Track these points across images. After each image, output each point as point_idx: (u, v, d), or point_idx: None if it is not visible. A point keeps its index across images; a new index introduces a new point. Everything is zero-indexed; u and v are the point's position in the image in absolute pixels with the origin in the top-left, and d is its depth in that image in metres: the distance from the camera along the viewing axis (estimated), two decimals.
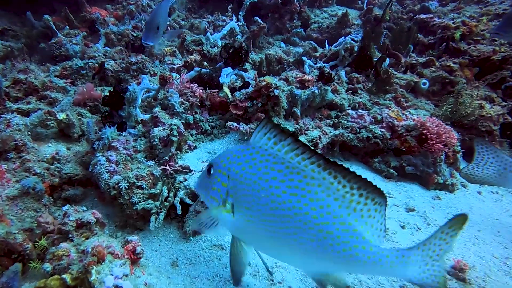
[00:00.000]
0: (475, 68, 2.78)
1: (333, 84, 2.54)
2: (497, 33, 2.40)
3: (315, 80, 2.47)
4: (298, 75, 2.54)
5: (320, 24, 4.24)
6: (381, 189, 1.02)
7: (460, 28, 3.11)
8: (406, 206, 2.05)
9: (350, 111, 2.45)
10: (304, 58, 2.78)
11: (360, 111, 2.42)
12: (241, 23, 4.13)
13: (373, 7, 4.28)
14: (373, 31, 3.29)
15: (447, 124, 2.51)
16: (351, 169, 1.02)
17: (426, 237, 1.04)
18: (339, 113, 2.48)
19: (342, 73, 2.69)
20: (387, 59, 2.79)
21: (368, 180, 1.01)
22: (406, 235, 1.84)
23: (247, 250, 1.16)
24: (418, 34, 3.43)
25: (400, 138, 2.29)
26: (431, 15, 3.66)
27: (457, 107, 2.50)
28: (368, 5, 4.56)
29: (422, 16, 3.73)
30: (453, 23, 3.27)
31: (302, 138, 2.26)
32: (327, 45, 3.51)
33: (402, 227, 1.90)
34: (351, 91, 2.60)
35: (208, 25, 4.01)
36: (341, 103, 2.48)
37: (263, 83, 2.19)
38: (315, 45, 3.61)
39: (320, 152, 1.48)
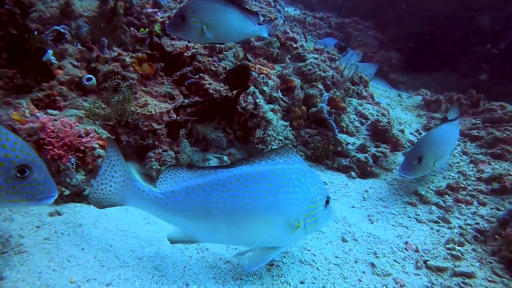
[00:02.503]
0: (159, 64, 2.62)
1: None
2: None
3: None
4: None
5: (43, 13, 3.63)
6: None
7: (159, 22, 2.95)
8: None
9: None
10: None
11: None
12: None
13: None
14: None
15: (112, 126, 2.24)
16: None
17: None
18: None
19: None
20: (48, 51, 2.37)
21: None
22: None
23: None
24: (131, 28, 3.17)
25: None
26: (156, 10, 3.48)
27: (124, 104, 2.24)
28: None
29: (148, 10, 3.51)
30: (161, 17, 3.11)
31: None
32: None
33: None
34: None
35: None
36: None
37: None
38: None
39: None
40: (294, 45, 3.41)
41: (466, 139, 3.34)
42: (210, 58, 2.80)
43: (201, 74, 2.67)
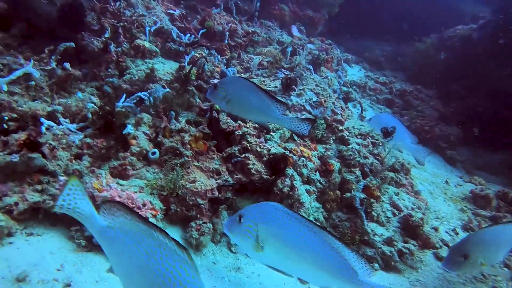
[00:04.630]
0: (212, 142, 3.07)
1: (55, 149, 2.61)
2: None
3: None
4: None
5: (132, 76, 4.38)
6: None
7: None
8: (65, 282, 2.11)
9: (60, 178, 2.51)
10: (41, 119, 2.81)
11: (66, 179, 2.49)
12: (49, 68, 4.11)
13: (186, 65, 4.56)
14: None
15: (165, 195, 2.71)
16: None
17: None
18: (50, 179, 2.52)
19: (75, 138, 2.77)
20: (128, 126, 2.95)
21: None
22: None
23: None
24: (196, 99, 3.72)
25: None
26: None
27: (177, 182, 2.71)
28: (190, 62, 4.86)
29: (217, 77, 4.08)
30: None
31: None
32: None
33: None
34: (73, 157, 2.68)
35: (1, 66, 3.89)
36: (53, 169, 2.54)
37: None
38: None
39: None
40: (340, 128, 3.66)
41: None
42: (257, 139, 3.19)
43: (247, 155, 3.06)
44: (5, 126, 2.68)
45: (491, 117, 5.74)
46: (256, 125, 3.31)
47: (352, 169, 3.30)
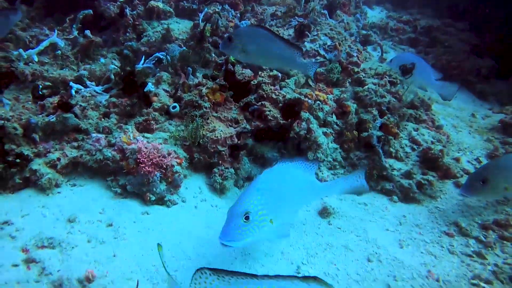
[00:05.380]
0: (229, 92, 3.19)
1: (86, 109, 2.85)
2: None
3: None
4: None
5: (150, 38, 4.50)
6: None
7: None
8: (107, 222, 2.41)
9: (93, 135, 2.76)
10: (71, 83, 3.04)
11: (98, 135, 2.74)
12: (72, 36, 4.31)
13: (200, 22, 4.59)
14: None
15: (188, 145, 2.91)
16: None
17: None
18: (84, 136, 2.78)
19: (101, 98, 2.99)
20: (149, 84, 3.12)
21: None
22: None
23: None
24: (212, 54, 3.80)
25: (126, 160, 2.64)
26: None
27: (197, 131, 2.89)
28: (204, 19, 4.87)
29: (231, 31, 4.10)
30: None
31: (39, 161, 2.57)
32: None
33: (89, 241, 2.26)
34: (101, 116, 2.91)
35: (30, 38, 4.13)
36: (86, 127, 2.79)
37: None
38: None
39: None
40: (356, 69, 3.64)
41: None
42: (272, 87, 3.27)
43: (263, 102, 3.16)
44: (40, 93, 2.93)
45: None
46: (271, 73, 3.37)
47: (369, 108, 3.32)
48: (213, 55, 3.97)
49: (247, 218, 1.80)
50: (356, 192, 2.57)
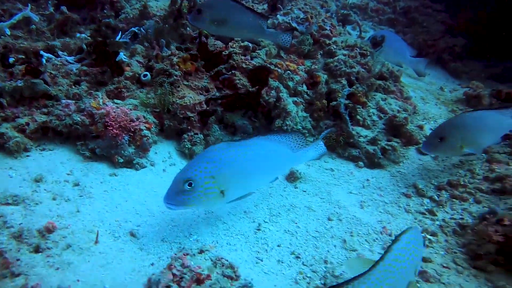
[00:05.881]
0: (200, 62, 3.24)
1: (56, 77, 2.89)
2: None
3: None
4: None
5: (127, 15, 4.51)
6: None
7: None
8: (74, 182, 2.47)
9: (63, 101, 2.81)
10: (41, 52, 3.06)
11: (68, 101, 2.78)
12: (48, 12, 4.32)
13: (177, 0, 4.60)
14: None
15: (158, 112, 2.96)
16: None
17: None
18: (54, 102, 2.83)
19: (72, 67, 3.03)
20: (120, 53, 3.15)
21: None
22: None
23: None
24: (187, 28, 3.84)
25: (96, 125, 2.69)
26: None
27: (166, 96, 2.94)
28: None
29: None
30: None
31: (7, 125, 2.61)
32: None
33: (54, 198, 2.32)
34: (72, 83, 2.95)
35: (2, 12, 4.10)
36: (55, 93, 2.83)
37: None
38: None
39: None
40: (327, 42, 3.71)
41: None
42: (243, 57, 3.32)
43: (234, 71, 3.22)
44: (10, 61, 2.95)
45: (503, 26, 5.46)
46: (242, 44, 3.43)
47: (338, 78, 3.39)
48: (188, 29, 4.00)
49: (190, 185, 1.86)
50: (318, 157, 2.68)
